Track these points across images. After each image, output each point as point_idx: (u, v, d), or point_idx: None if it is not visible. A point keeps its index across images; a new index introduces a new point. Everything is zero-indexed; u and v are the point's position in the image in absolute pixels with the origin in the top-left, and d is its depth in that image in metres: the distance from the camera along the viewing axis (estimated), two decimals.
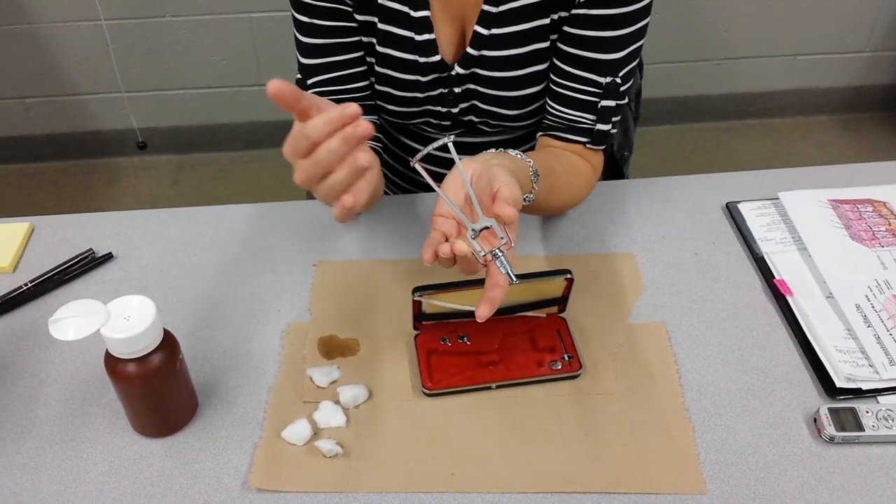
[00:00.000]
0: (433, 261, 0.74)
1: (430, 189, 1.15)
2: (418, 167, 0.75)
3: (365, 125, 0.68)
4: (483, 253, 0.73)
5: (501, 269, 0.73)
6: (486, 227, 0.73)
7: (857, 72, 2.61)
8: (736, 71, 2.56)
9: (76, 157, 2.58)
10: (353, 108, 0.68)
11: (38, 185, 2.53)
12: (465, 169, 0.78)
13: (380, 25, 0.97)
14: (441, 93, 1.02)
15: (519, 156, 0.86)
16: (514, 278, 0.73)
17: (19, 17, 2.28)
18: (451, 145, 0.74)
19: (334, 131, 0.69)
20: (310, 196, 1.24)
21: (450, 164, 0.79)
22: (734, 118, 2.67)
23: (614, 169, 1.27)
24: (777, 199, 1.05)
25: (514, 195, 0.73)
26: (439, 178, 0.78)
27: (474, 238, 0.73)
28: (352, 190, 0.72)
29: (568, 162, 0.99)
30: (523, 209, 0.89)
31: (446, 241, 0.75)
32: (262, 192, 2.46)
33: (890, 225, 1.00)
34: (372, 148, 1.03)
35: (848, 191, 1.06)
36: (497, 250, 0.73)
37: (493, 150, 0.86)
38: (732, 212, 1.05)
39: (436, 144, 0.75)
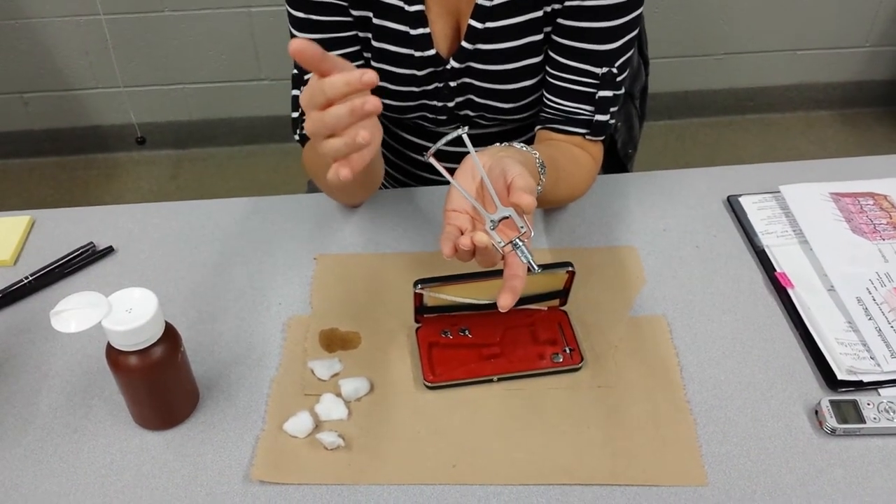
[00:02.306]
0: (453, 254, 0.74)
1: (427, 182, 1.16)
2: (433, 161, 0.75)
3: (374, 102, 0.68)
4: (503, 244, 0.73)
5: (523, 258, 0.73)
6: (506, 217, 0.73)
7: (858, 67, 2.61)
8: (736, 66, 2.56)
9: (75, 152, 2.58)
10: (371, 75, 0.68)
11: (38, 180, 2.52)
12: (482, 160, 0.78)
13: (375, 20, 0.97)
14: (437, 87, 1.02)
15: (524, 148, 0.86)
16: (537, 267, 0.73)
17: (18, 11, 2.27)
18: (465, 137, 0.74)
19: (350, 93, 0.69)
20: (310, 189, 1.25)
21: (456, 156, 0.79)
22: (735, 113, 2.67)
23: (618, 166, 1.27)
24: (778, 192, 1.05)
25: (529, 184, 0.73)
26: (446, 180, 0.78)
27: (493, 229, 0.73)
28: (345, 160, 0.72)
29: (570, 153, 0.99)
30: None
31: (461, 234, 0.75)
32: (261, 186, 2.46)
33: (891, 218, 1.00)
34: None
35: (849, 184, 1.06)
36: (517, 240, 0.73)
37: (499, 143, 0.86)
38: (734, 205, 1.05)
39: (449, 137, 0.75)
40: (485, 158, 0.79)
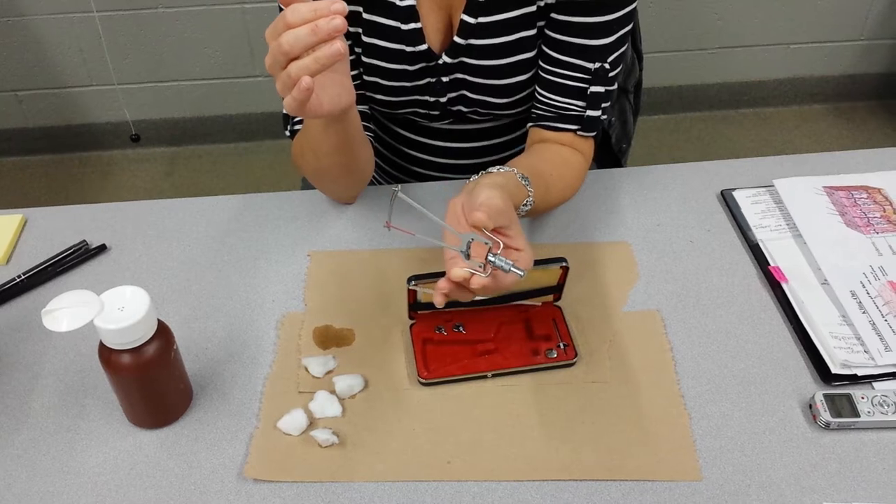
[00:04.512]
0: (444, 300, 0.76)
1: (421, 177, 1.15)
2: (392, 228, 0.75)
3: (340, 20, 0.68)
4: (481, 264, 0.73)
5: (505, 267, 0.73)
6: (472, 241, 0.74)
7: (852, 60, 2.61)
8: (731, 60, 2.56)
9: (70, 149, 2.57)
10: (340, 4, 0.68)
11: (32, 178, 2.52)
12: (455, 203, 0.80)
13: (365, 15, 0.96)
14: (429, 82, 1.01)
15: (501, 169, 0.88)
16: (520, 271, 0.73)
17: (11, 9, 2.27)
18: (402, 195, 0.73)
19: (314, 20, 0.68)
20: (304, 186, 1.24)
21: (446, 167, 0.78)
22: (729, 107, 2.66)
23: (612, 161, 1.27)
24: (772, 186, 1.05)
25: (488, 201, 0.74)
26: (440, 176, 0.78)
27: (468, 258, 0.74)
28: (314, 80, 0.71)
29: (557, 156, 0.99)
30: (530, 213, 0.91)
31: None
32: (256, 183, 2.45)
33: (885, 211, 1.00)
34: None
35: (843, 177, 1.06)
36: (489, 256, 0.73)
37: (474, 176, 0.88)
38: (727, 199, 1.04)
39: (392, 201, 0.75)
40: (461, 197, 0.80)
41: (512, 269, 0.73)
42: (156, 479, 0.76)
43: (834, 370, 0.83)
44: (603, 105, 0.99)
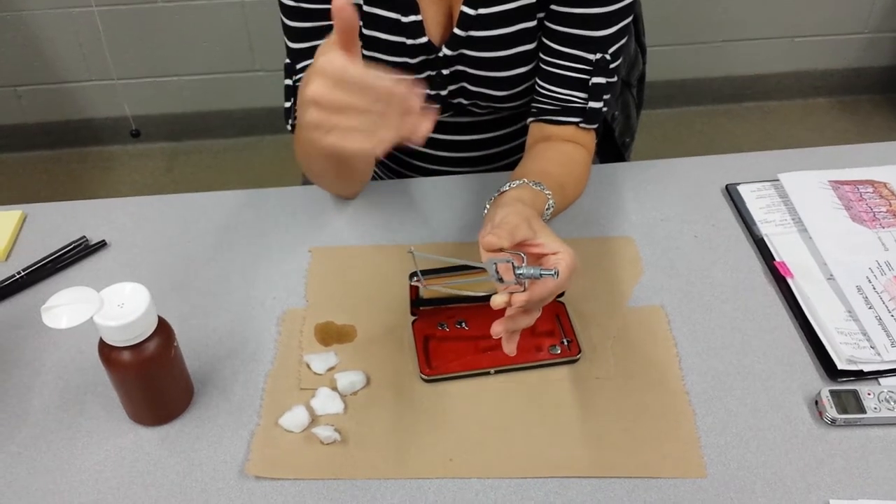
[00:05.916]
0: (515, 343, 0.76)
1: (422, 172, 1.15)
2: (435, 288, 0.79)
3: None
4: (513, 282, 0.73)
5: (535, 274, 0.72)
6: (496, 264, 0.73)
7: (856, 53, 2.60)
8: (734, 53, 2.55)
9: (69, 145, 2.57)
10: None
11: (31, 173, 2.51)
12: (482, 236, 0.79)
13: (365, 8, 0.96)
14: (429, 75, 1.01)
15: (510, 186, 0.88)
16: (550, 272, 0.72)
17: (9, 4, 2.26)
18: (413, 254, 0.74)
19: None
20: (304, 182, 1.24)
21: (440, 160, 0.77)
22: (732, 101, 2.66)
23: (616, 155, 1.27)
24: (777, 180, 1.04)
25: (500, 221, 0.75)
26: (440, 169, 0.78)
27: (500, 281, 0.73)
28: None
29: (561, 155, 0.99)
30: (555, 215, 0.93)
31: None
32: (256, 179, 2.45)
33: (891, 206, 0.99)
34: None
35: (848, 171, 1.05)
36: (515, 271, 0.72)
37: (487, 204, 0.89)
38: (732, 194, 1.04)
39: (413, 265, 0.76)
40: (485, 228, 0.79)
41: (542, 273, 0.72)
42: (157, 476, 0.76)
43: (840, 366, 0.82)
44: (604, 97, 0.98)
